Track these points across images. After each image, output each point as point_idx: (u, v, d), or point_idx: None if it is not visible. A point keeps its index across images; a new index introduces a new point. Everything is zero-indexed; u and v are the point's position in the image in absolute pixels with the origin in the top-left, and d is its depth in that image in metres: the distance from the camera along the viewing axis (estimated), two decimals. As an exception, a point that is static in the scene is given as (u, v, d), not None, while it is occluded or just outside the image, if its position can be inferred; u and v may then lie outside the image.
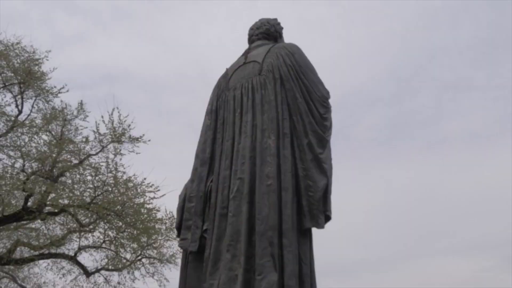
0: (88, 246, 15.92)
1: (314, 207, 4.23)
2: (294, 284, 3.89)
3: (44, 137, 15.00)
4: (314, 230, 4.41)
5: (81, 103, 15.42)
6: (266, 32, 5.10)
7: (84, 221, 15.31)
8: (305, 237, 4.28)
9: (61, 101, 15.37)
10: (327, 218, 4.34)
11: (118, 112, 15.06)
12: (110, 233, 15.67)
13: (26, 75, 14.45)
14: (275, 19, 5.26)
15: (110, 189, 14.83)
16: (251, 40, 5.15)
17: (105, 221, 15.02)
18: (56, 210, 14.54)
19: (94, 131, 15.05)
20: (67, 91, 15.21)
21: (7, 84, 14.74)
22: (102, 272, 16.26)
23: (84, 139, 15.11)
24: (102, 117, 15.01)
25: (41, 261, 16.25)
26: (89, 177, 14.94)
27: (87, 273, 16.01)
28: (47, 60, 15.25)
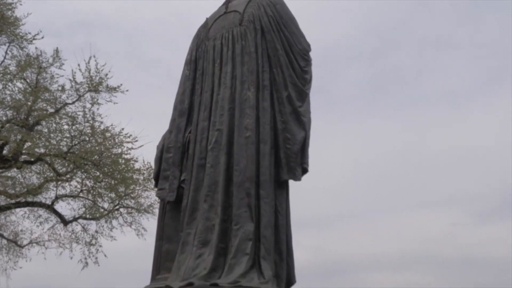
0: (65, 195, 15.90)
1: (291, 159, 4.27)
2: (270, 234, 3.98)
3: (19, 84, 14.66)
4: (291, 182, 4.47)
5: (56, 51, 15.01)
6: None
7: (61, 170, 15.22)
8: (282, 188, 4.34)
9: (36, 48, 14.94)
10: (304, 170, 4.39)
11: (95, 61, 14.72)
12: (87, 182, 15.64)
13: (-1, 20, 13.96)
14: None
15: (87, 138, 14.70)
16: None
17: (83, 170, 14.95)
18: (32, 159, 14.41)
19: (70, 80, 14.75)
20: (42, 37, 14.76)
21: (-22, 29, 14.25)
22: (80, 221, 16.32)
23: (60, 88, 14.81)
24: (79, 65, 14.68)
25: (17, 210, 16.21)
26: (65, 126, 14.76)
27: (65, 222, 16.06)
28: (21, 5, 14.72)
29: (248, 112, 4.27)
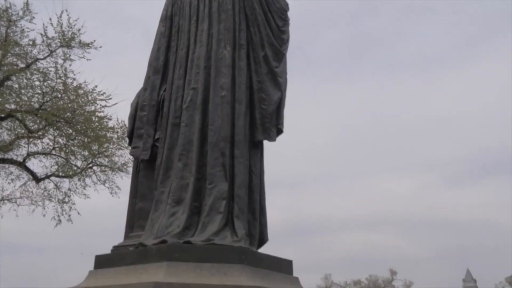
0: (37, 153, 15.67)
1: (266, 120, 4.27)
2: (243, 194, 4.01)
3: (-13, 38, 14.16)
4: (266, 143, 4.49)
5: (27, 3, 14.46)
6: None
7: (32, 127, 14.94)
8: (257, 149, 4.35)
9: (5, 0, 14.39)
10: (279, 131, 4.41)
11: (68, 15, 14.26)
12: (60, 140, 15.42)
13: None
14: None
15: (59, 95, 14.39)
16: None
17: (55, 128, 14.71)
18: (2, 115, 14.07)
19: (41, 34, 14.28)
20: (11, -11, 14.20)
21: None
22: (52, 178, 16.14)
23: (31, 42, 14.35)
24: (50, 19, 14.21)
25: (-12, 166, 15.95)
26: (37, 82, 14.40)
27: (37, 179, 15.88)
28: (-13, -46, 14.07)
29: (224, 71, 4.22)
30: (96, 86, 14.85)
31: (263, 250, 4.17)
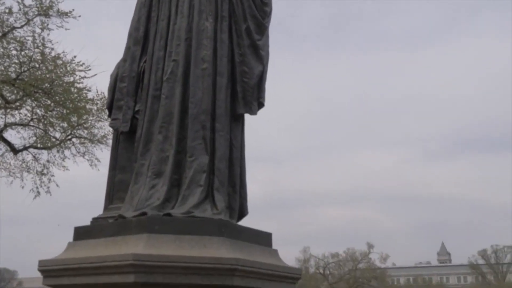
0: (15, 124, 15.42)
1: (248, 93, 4.26)
2: (224, 167, 4.01)
3: (-40, 4, 13.74)
4: (247, 116, 4.48)
5: (2, -31, 14.04)
6: None
7: (9, 98, 14.66)
8: (238, 122, 4.35)
9: (-21, -35, 13.92)
10: (260, 105, 4.40)
11: (45, -18, 13.91)
12: (38, 111, 15.18)
13: None
14: None
15: (37, 65, 14.11)
16: None
17: (33, 98, 14.46)
18: (-22, 85, 13.78)
19: (18, 2, 13.91)
20: (-14, -47, 13.74)
21: None
22: (31, 150, 15.94)
23: (7, 10, 13.96)
24: (27, -14, 13.84)
25: (-36, 137, 15.65)
26: (14, 52, 14.07)
27: (14, 151, 15.67)
28: None
29: (206, 43, 4.17)
30: (75, 57, 14.60)
31: (243, 223, 4.21)
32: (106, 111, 5.10)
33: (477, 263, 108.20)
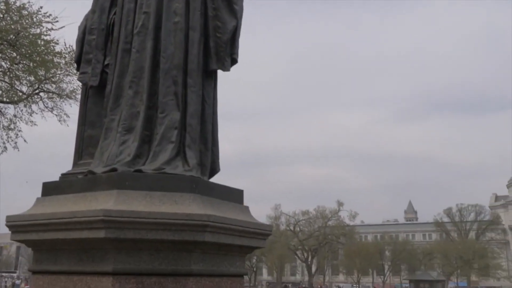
0: (-21, 77, 14.93)
1: (221, 49, 4.17)
2: (196, 124, 3.96)
3: None
4: (220, 73, 4.41)
5: None
6: None
7: (-28, 49, 14.12)
8: (210, 78, 4.27)
9: None
10: (233, 61, 4.32)
11: None
12: (3, 63, 14.69)
13: None
14: None
15: (1, 15, 13.56)
16: None
17: (-3, 50, 13.96)
18: None
19: None
20: None
21: None
22: (-4, 104, 15.51)
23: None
24: None
25: None
26: (-25, 1, 13.47)
27: (-21, 105, 15.21)
28: None
29: (178, -5, 4.03)
30: (41, 7, 14.07)
31: (215, 180, 4.20)
32: (75, 64, 4.94)
33: (442, 221, 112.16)
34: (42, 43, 14.20)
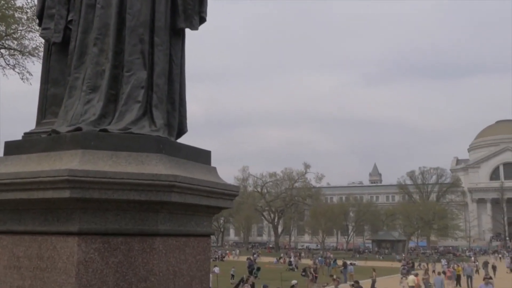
0: None
1: (189, 6, 4.08)
2: (163, 83, 3.89)
3: None
4: (188, 32, 4.32)
5: None
6: None
7: None
8: (178, 37, 4.18)
9: None
10: (202, 20, 4.23)
11: None
12: (-40, 18, 14.04)
13: None
14: None
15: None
16: None
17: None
18: None
19: None
20: None
21: None
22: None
23: None
24: None
25: None
26: None
27: None
28: None
29: (144, -51, 3.89)
30: (0, -41, 13.40)
31: (182, 140, 4.18)
32: (37, 20, 4.76)
33: (405, 183, 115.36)
34: (2, -4, 13.63)
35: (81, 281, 3.23)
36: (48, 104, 4.30)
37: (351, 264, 46.78)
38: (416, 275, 31.84)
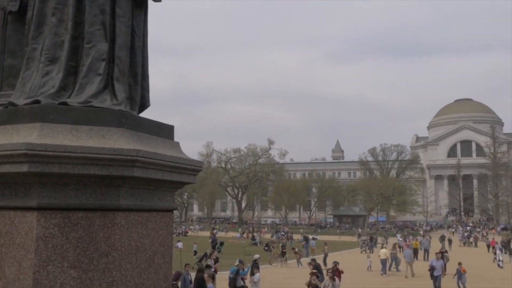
0: None
1: (152, -23, 3.97)
2: (124, 55, 3.80)
3: None
4: (151, 4, 4.22)
5: None
6: None
7: None
8: (140, 9, 4.07)
9: None
10: (165, -9, 4.14)
11: None
12: None
13: None
14: None
15: None
16: None
17: None
18: None
19: None
20: None
21: None
22: None
23: None
24: None
25: None
26: None
27: None
28: None
29: None
30: None
31: (145, 115, 4.12)
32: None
33: (366, 160, 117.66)
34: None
35: (41, 257, 3.19)
36: (5, 75, 4.15)
37: (313, 238, 47.70)
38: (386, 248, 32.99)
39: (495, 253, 40.59)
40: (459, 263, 23.33)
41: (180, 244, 37.78)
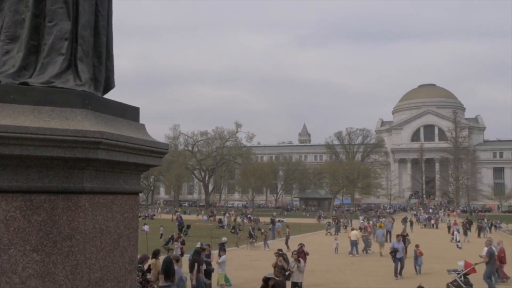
0: None
1: (117, -45, 3.87)
2: (88, 35, 3.71)
3: None
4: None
5: None
6: None
7: None
8: (105, -13, 3.98)
9: None
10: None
11: None
12: None
13: None
14: None
15: None
16: None
17: None
18: None
19: None
20: None
21: None
22: None
23: None
24: None
25: None
26: None
27: None
28: None
29: None
30: None
31: (109, 96, 4.04)
32: None
33: (332, 143, 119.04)
34: None
35: (2, 240, 3.12)
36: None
37: (279, 221, 48.18)
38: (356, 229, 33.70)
39: (452, 234, 42.01)
40: (416, 245, 23.97)
41: (146, 227, 37.57)
